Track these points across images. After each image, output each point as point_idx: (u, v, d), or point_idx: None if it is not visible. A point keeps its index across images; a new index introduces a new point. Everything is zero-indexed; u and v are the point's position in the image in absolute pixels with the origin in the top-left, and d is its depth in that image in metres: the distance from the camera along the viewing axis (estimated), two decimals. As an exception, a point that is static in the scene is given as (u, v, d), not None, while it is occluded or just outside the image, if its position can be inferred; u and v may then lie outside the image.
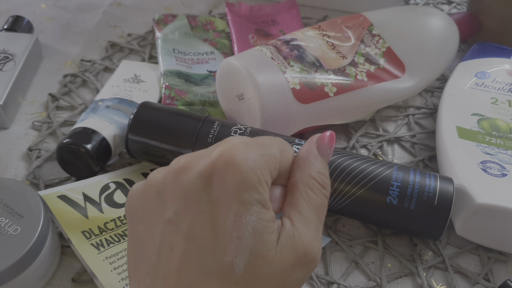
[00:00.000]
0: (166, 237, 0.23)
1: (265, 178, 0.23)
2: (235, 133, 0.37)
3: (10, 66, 0.48)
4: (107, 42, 0.56)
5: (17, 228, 0.32)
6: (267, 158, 0.24)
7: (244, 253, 0.22)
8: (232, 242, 0.22)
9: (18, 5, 0.61)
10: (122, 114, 0.43)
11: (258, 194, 0.23)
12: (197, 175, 0.23)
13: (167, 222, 0.23)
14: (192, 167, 0.23)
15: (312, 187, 0.25)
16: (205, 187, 0.23)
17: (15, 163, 0.43)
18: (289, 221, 0.24)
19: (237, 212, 0.22)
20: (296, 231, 0.24)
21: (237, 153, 0.23)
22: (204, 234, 0.22)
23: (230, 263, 0.22)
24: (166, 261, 0.23)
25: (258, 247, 0.22)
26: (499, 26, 0.54)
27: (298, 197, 0.25)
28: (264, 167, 0.23)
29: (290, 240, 0.23)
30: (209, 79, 0.49)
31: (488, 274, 0.37)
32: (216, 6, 0.62)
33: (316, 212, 0.25)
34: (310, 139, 0.28)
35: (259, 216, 0.22)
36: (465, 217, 0.36)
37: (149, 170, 0.41)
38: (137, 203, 0.25)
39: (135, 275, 0.24)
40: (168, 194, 0.23)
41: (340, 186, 0.35)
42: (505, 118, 0.42)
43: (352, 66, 0.45)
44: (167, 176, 0.24)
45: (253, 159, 0.23)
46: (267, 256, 0.22)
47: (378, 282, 0.36)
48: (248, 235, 0.22)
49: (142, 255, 0.24)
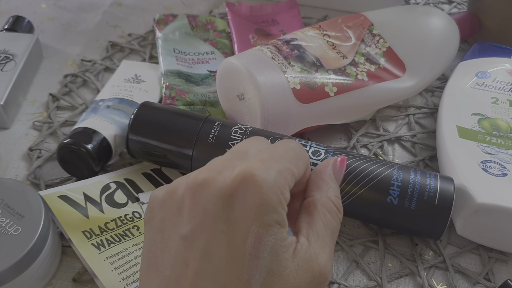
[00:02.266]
0: (181, 253, 0.23)
1: (285, 196, 0.24)
2: (235, 133, 0.37)
3: (11, 66, 0.48)
4: (107, 42, 0.56)
5: (17, 228, 0.32)
6: (286, 173, 0.24)
7: (262, 272, 0.22)
8: (251, 262, 0.22)
9: (19, 5, 0.61)
10: (123, 114, 0.43)
11: (278, 215, 0.23)
12: (217, 195, 0.23)
13: (182, 238, 0.24)
14: (211, 185, 0.23)
15: (330, 210, 0.26)
16: (224, 207, 0.23)
17: (15, 163, 0.43)
18: (307, 241, 0.25)
19: (257, 234, 0.23)
20: (314, 251, 0.24)
21: (257, 173, 0.23)
22: (221, 253, 0.23)
23: (248, 282, 0.22)
24: (180, 276, 0.23)
25: (275, 266, 0.23)
26: (499, 25, 0.54)
27: (316, 218, 0.26)
28: (284, 184, 0.24)
29: (307, 260, 0.24)
30: (210, 79, 0.49)
31: (488, 273, 0.37)
32: (216, 6, 0.62)
33: (332, 234, 0.26)
34: (327, 161, 0.28)
35: (277, 236, 0.23)
36: (465, 217, 0.36)
37: (150, 170, 0.41)
38: (158, 214, 0.26)
39: (147, 283, 0.25)
40: (186, 210, 0.24)
41: (341, 186, 0.35)
42: (505, 118, 0.42)
43: (352, 66, 0.45)
44: (186, 192, 0.24)
45: (272, 179, 0.23)
46: (282, 274, 0.23)
47: (378, 282, 0.36)
48: (266, 255, 0.23)
49: (156, 266, 0.25)
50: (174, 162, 0.39)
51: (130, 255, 0.34)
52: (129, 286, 0.32)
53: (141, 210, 0.38)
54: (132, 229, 0.36)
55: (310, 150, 0.37)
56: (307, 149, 0.37)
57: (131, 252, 0.35)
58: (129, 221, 0.37)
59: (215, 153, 0.37)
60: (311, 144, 0.37)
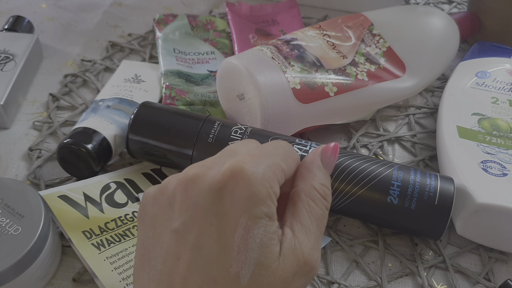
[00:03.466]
0: (173, 247, 0.24)
1: (274, 190, 0.24)
2: (235, 133, 0.37)
3: (11, 66, 0.48)
4: (107, 42, 0.56)
5: (18, 228, 0.32)
6: (275, 168, 0.24)
7: (250, 264, 0.23)
8: (240, 254, 0.23)
9: (19, 5, 0.61)
10: (123, 114, 0.43)
11: (267, 208, 0.23)
12: (207, 189, 0.23)
13: (174, 232, 0.24)
14: (201, 180, 0.24)
15: (314, 198, 0.26)
16: (214, 201, 0.23)
17: (15, 163, 0.43)
18: (291, 232, 0.25)
19: (246, 225, 0.23)
20: (297, 241, 0.24)
21: (246, 167, 0.23)
22: (211, 245, 0.23)
23: (236, 274, 0.22)
24: (172, 270, 0.23)
25: (263, 259, 0.23)
26: (499, 25, 0.54)
27: (300, 207, 0.26)
28: (273, 178, 0.24)
29: (291, 250, 0.24)
30: (210, 79, 0.49)
31: (488, 273, 0.37)
32: (216, 6, 0.62)
33: (317, 222, 0.26)
34: (315, 150, 0.28)
35: (266, 229, 0.23)
36: (465, 217, 0.36)
37: (150, 170, 0.41)
38: (150, 210, 0.26)
39: (140, 279, 0.25)
40: (177, 205, 0.24)
41: (341, 186, 0.35)
42: (505, 118, 0.42)
43: (352, 66, 0.45)
44: (177, 187, 0.24)
45: (261, 172, 0.24)
46: (271, 266, 0.23)
47: (378, 281, 0.36)
48: (255, 247, 0.23)
49: (148, 261, 0.25)
50: (174, 162, 0.39)
51: (130, 255, 0.34)
52: (129, 286, 0.32)
53: (141, 210, 0.38)
54: (132, 229, 0.36)
55: (310, 150, 0.37)
56: (307, 149, 0.37)
57: (131, 252, 0.35)
58: (129, 221, 0.37)
59: (215, 153, 0.37)
60: (311, 144, 0.37)
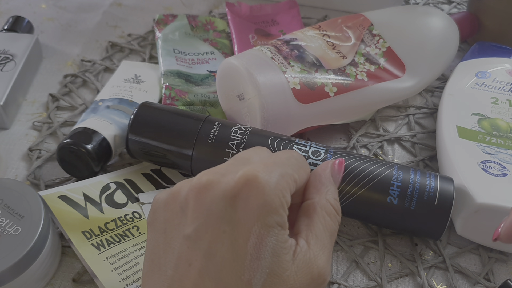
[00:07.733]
0: (184, 253, 0.24)
1: (286, 199, 0.24)
2: (235, 133, 0.37)
3: (11, 66, 0.48)
4: (107, 42, 0.56)
5: (17, 228, 0.32)
6: (288, 177, 0.25)
7: (263, 272, 0.23)
8: (252, 262, 0.23)
9: (18, 5, 0.61)
10: (123, 114, 0.43)
11: (279, 217, 0.24)
12: (221, 196, 0.24)
13: (186, 238, 0.24)
14: (215, 186, 0.24)
15: (329, 213, 0.26)
16: (228, 208, 0.23)
17: (15, 163, 0.43)
18: (306, 244, 0.25)
19: (258, 234, 0.23)
20: (313, 254, 0.25)
21: (260, 175, 0.24)
22: (224, 253, 0.23)
23: (248, 282, 0.23)
24: (183, 276, 0.23)
25: (275, 267, 0.23)
26: (499, 25, 0.54)
27: (316, 220, 0.26)
28: (285, 187, 0.24)
29: (306, 262, 0.24)
30: (210, 79, 0.49)
31: (488, 273, 0.37)
32: (216, 6, 0.62)
33: (330, 236, 0.26)
34: (326, 163, 0.29)
35: (278, 238, 0.23)
36: (465, 217, 0.36)
37: (149, 170, 0.41)
38: (161, 215, 0.26)
39: (150, 284, 0.25)
40: (190, 211, 0.24)
41: (341, 186, 0.35)
42: (505, 118, 0.42)
43: (352, 66, 0.45)
44: (190, 193, 0.24)
45: (275, 181, 0.24)
46: (282, 275, 0.23)
47: (378, 282, 0.36)
48: (268, 256, 0.23)
49: (159, 266, 0.25)
50: (174, 162, 0.39)
51: (130, 255, 0.34)
52: (129, 286, 0.32)
53: (141, 211, 0.38)
54: (132, 229, 0.36)
55: (310, 150, 0.37)
56: (307, 149, 0.37)
57: (131, 252, 0.35)
58: (129, 221, 0.37)
59: (215, 153, 0.37)
60: (311, 144, 0.37)
